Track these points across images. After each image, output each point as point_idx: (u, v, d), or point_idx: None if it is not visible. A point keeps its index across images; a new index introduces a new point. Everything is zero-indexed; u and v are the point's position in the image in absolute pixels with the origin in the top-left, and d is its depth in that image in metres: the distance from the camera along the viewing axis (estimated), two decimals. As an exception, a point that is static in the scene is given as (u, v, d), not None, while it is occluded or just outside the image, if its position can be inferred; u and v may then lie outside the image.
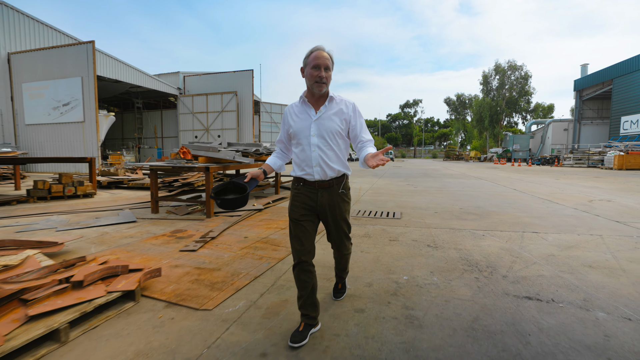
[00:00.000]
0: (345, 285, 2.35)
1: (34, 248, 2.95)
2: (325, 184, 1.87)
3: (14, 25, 14.43)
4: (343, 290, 2.33)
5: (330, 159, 1.85)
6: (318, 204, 1.88)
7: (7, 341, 1.53)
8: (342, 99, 1.91)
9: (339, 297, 2.29)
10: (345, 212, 1.97)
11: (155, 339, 1.79)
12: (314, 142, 1.84)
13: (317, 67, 1.75)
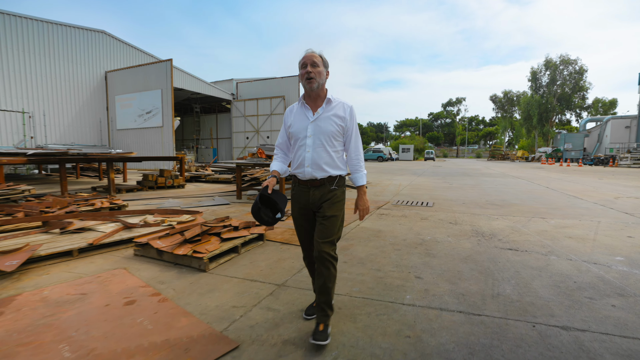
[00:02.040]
0: (326, 329, 1.77)
1: (188, 214, 4.66)
2: (317, 183, 1.89)
3: (110, 49, 17.53)
4: (325, 334, 1.74)
5: (323, 160, 1.86)
6: (310, 201, 1.90)
7: (220, 248, 3.10)
8: (340, 102, 1.93)
9: (317, 340, 1.71)
10: (336, 209, 1.88)
11: (281, 256, 3.29)
12: (308, 143, 1.88)
13: (304, 65, 1.84)
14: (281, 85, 24.05)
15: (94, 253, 3.33)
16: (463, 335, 1.86)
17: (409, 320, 2.02)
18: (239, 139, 24.71)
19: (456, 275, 2.75)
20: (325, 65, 1.90)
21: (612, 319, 2.05)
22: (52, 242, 3.31)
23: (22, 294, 2.39)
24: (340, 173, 1.92)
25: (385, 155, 36.08)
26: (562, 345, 1.77)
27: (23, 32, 14.49)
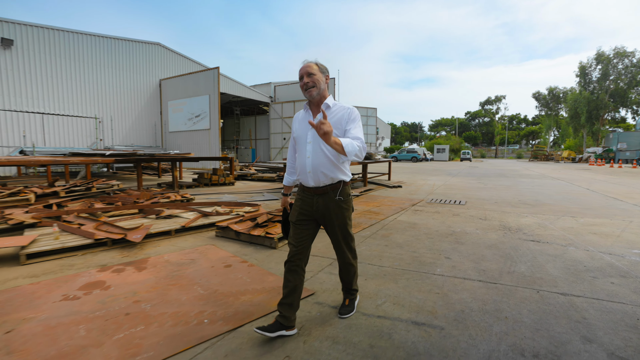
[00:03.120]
0: (353, 303, 2.19)
1: (249, 206, 5.54)
2: (320, 190, 1.91)
3: (164, 59, 19.37)
4: (350, 308, 2.15)
5: (323, 165, 1.87)
6: (314, 209, 1.94)
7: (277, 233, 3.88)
8: (341, 107, 1.93)
9: (343, 314, 2.11)
10: (342, 219, 1.96)
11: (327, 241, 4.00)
12: (308, 149, 1.90)
13: (301, 77, 1.89)
14: (317, 87, 24.89)
15: (185, 234, 4.26)
16: (480, 294, 2.47)
17: (439, 284, 2.66)
18: (276, 139, 25.92)
19: (480, 258, 3.32)
20: (323, 71, 1.93)
21: (607, 291, 2.55)
22: (155, 224, 4.28)
23: (150, 258, 3.31)
24: (343, 178, 1.94)
25: (419, 156, 35.83)
26: (557, 303, 2.33)
27: (94, 48, 16.50)
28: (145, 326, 2.03)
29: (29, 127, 14.53)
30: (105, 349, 1.79)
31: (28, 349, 1.80)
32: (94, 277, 2.83)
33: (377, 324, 2.05)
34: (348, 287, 2.21)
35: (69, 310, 2.24)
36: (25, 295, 2.48)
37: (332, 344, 1.84)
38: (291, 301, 1.88)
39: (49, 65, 15.10)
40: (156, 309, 2.24)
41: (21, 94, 14.32)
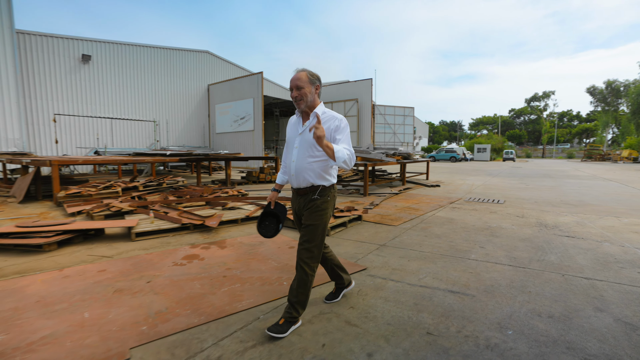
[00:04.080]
0: (289, 325, 1.96)
1: (299, 201, 6.22)
2: (302, 191, 2.06)
3: (212, 66, 20.93)
4: (281, 329, 1.93)
5: (305, 170, 1.98)
6: (297, 207, 2.12)
7: (336, 222, 4.48)
8: (330, 115, 2.03)
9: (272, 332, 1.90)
10: (315, 217, 1.97)
11: (376, 230, 4.54)
12: (294, 153, 2.04)
13: (290, 89, 2.01)
14: (354, 88, 25.33)
15: (249, 222, 5.00)
16: (508, 275, 2.89)
17: (472, 266, 3.10)
18: (314, 140, 26.74)
19: (512, 248, 3.69)
20: (312, 82, 1.99)
21: (631, 278, 2.85)
22: (224, 214, 5.07)
23: (227, 240, 4.06)
24: (323, 183, 2.01)
25: (458, 155, 34.95)
26: (579, 284, 2.69)
27: (152, 58, 18.28)
28: (240, 284, 2.72)
29: (101, 131, 16.49)
30: (218, 296, 2.49)
31: (166, 292, 2.55)
32: (189, 251, 3.61)
33: (419, 291, 2.57)
34: (292, 299, 1.99)
35: (181, 272, 2.99)
36: (147, 261, 3.29)
37: (385, 302, 2.39)
38: (334, 273, 2.37)
39: (117, 76, 17.02)
40: (245, 274, 2.93)
41: (95, 102, 16.32)
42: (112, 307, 2.34)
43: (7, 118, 12.55)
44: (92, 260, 3.34)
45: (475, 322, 2.11)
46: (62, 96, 15.54)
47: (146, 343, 1.91)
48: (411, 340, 1.92)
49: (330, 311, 2.26)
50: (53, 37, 15.23)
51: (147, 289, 2.63)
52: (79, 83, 15.93)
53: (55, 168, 6.59)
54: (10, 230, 3.90)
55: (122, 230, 4.54)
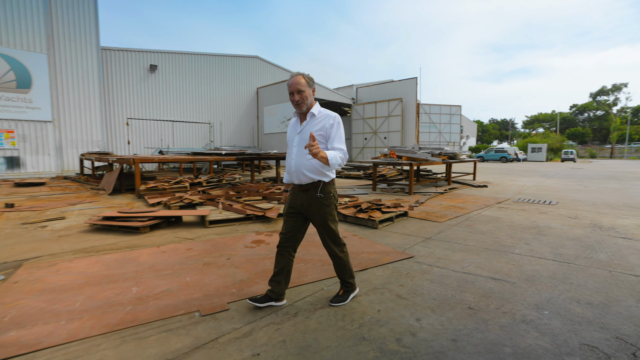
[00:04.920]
0: (347, 295, 2.35)
1: (347, 197, 6.63)
2: (303, 188, 2.19)
3: (261, 70, 22.18)
4: (341, 298, 2.33)
5: (304, 167, 2.13)
6: (299, 204, 2.22)
7: (381, 218, 4.83)
8: (325, 114, 2.19)
9: (334, 302, 2.30)
10: (323, 214, 2.18)
11: (422, 225, 4.81)
12: (294, 152, 2.21)
13: (291, 93, 2.15)
14: (399, 87, 25.18)
15: (303, 215, 5.53)
16: (551, 269, 3.06)
17: (515, 259, 3.31)
18: (357, 139, 26.99)
19: (559, 246, 3.78)
20: (310, 85, 2.16)
21: (682, 276, 2.88)
22: (281, 208, 5.65)
23: (286, 229, 4.60)
24: (323, 179, 2.16)
25: (509, 155, 33.05)
26: (625, 280, 2.80)
27: (207, 65, 19.83)
28: (304, 264, 3.21)
29: (164, 133, 18.29)
30: (287, 271, 2.99)
31: (244, 267, 3.12)
32: (255, 237, 4.20)
33: (462, 276, 2.87)
34: (342, 278, 2.38)
35: (253, 252, 3.56)
36: (222, 243, 3.93)
37: (430, 283, 2.74)
38: (279, 279, 2.27)
39: (177, 82, 18.74)
40: (306, 257, 3.42)
41: (159, 106, 18.13)
42: (205, 275, 2.94)
43: (93, 123, 14.51)
44: (179, 241, 4.05)
45: (514, 303, 2.38)
46: (133, 102, 17.50)
47: (237, 300, 2.45)
48: (454, 312, 2.25)
49: (383, 287, 2.66)
50: (126, 50, 17.21)
51: (229, 264, 3.22)
52: (146, 90, 17.82)
53: (138, 165, 7.67)
54: (114, 215, 4.80)
55: (196, 218, 5.30)
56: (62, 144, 13.82)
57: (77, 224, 4.94)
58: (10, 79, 12.38)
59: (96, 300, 2.45)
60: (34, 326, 2.09)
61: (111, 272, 3.02)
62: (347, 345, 1.89)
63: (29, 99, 12.82)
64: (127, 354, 1.82)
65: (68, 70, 13.82)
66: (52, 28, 13.23)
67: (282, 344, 1.90)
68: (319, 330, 2.05)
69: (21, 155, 12.85)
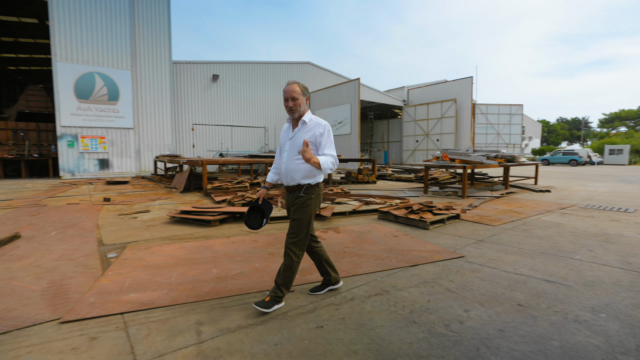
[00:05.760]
0: (273, 302, 2.29)
1: (398, 199, 6.76)
2: (290, 189, 2.37)
3: (313, 75, 22.95)
4: (266, 305, 2.27)
5: (293, 170, 2.28)
6: (289, 204, 2.42)
7: (432, 220, 4.93)
8: (316, 122, 2.32)
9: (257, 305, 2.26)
10: (299, 214, 2.27)
11: (474, 228, 4.80)
12: (285, 156, 2.35)
13: (286, 99, 2.28)
14: (452, 88, 24.27)
15: (355, 215, 5.81)
16: (616, 276, 2.96)
17: (575, 265, 3.24)
18: (408, 142, 26.51)
19: (630, 254, 3.59)
20: (304, 93, 2.31)
21: None
22: (334, 207, 5.99)
23: (340, 227, 4.92)
24: (309, 182, 2.29)
25: (580, 158, 29.86)
26: (699, 289, 2.64)
27: (262, 73, 21.04)
28: (358, 258, 3.49)
29: (224, 137, 19.80)
30: (343, 264, 3.30)
31: (305, 258, 3.48)
32: (312, 233, 4.57)
33: (514, 277, 2.93)
34: (277, 282, 2.32)
35: (311, 246, 3.93)
36: (282, 237, 4.33)
37: (480, 280, 2.85)
38: (323, 269, 2.56)
39: (236, 89, 20.17)
40: (360, 252, 3.70)
41: (220, 112, 19.69)
42: (270, 263, 3.37)
43: (165, 128, 16.28)
44: (245, 234, 4.57)
45: (567, 304, 2.42)
46: (197, 109, 19.22)
47: (300, 284, 2.81)
48: (502, 307, 2.37)
49: (433, 282, 2.84)
50: (192, 63, 18.98)
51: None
52: (209, 98, 19.46)
53: (205, 167, 8.57)
54: (190, 209, 5.52)
55: (257, 215, 5.84)
56: (140, 148, 15.72)
57: (160, 217, 5.76)
58: (103, 93, 14.47)
59: (186, 277, 2.98)
60: (146, 291, 2.66)
61: (194, 256, 3.59)
62: (399, 326, 2.14)
63: (116, 110, 14.84)
64: (216, 317, 2.26)
65: (146, 83, 15.70)
66: (135, 48, 15.17)
67: (341, 321, 2.21)
68: (373, 312, 2.32)
69: (110, 157, 14.90)
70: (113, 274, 3.04)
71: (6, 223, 5.19)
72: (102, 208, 6.61)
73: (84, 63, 14.12)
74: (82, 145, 14.24)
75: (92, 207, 6.75)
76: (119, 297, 2.55)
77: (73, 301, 2.50)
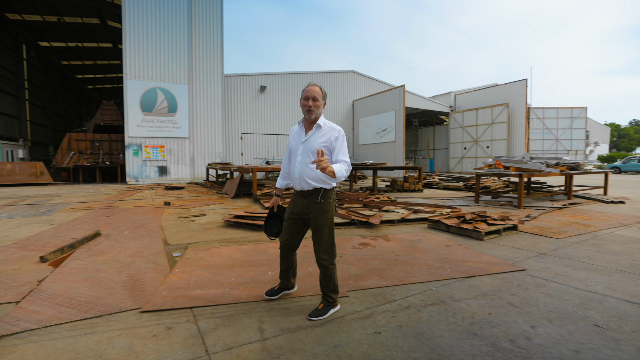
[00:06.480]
0: (326, 310, 2.31)
1: (448, 208, 6.53)
2: (305, 193, 2.28)
3: (357, 83, 23.09)
4: (320, 312, 2.29)
5: (307, 175, 2.23)
6: (301, 209, 2.32)
7: (487, 230, 4.69)
8: (330, 127, 2.31)
9: (312, 316, 2.26)
10: (321, 220, 2.26)
11: (535, 240, 4.48)
12: (298, 160, 2.28)
13: (306, 98, 2.24)
14: (504, 91, 22.94)
15: (404, 224, 5.71)
16: None
17: (659, 284, 2.90)
18: (456, 149, 25.44)
19: None
20: (324, 97, 2.31)
21: None
22: (382, 215, 5.94)
23: (389, 235, 4.87)
24: (324, 186, 2.25)
25: (661, 166, 26.36)
26: None
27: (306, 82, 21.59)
28: (410, 266, 3.44)
29: (270, 145, 20.54)
30: (395, 271, 3.28)
31: (355, 264, 3.51)
32: (361, 240, 4.58)
33: (587, 295, 2.70)
34: (324, 292, 2.37)
35: (361, 253, 3.95)
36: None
37: (546, 296, 2.67)
38: (287, 274, 2.57)
39: (282, 100, 20.89)
40: (412, 260, 3.64)
41: (267, 122, 20.50)
42: (322, 268, 3.44)
43: (216, 138, 17.31)
44: (295, 239, 4.70)
45: (654, 327, 2.18)
46: (246, 119, 20.20)
47: (355, 290, 2.85)
48: (576, 326, 2.20)
49: (493, 294, 2.72)
50: (242, 75, 20.05)
51: (342, 260, 3.67)
52: (257, 108, 20.37)
53: (255, 174, 8.97)
54: (243, 214, 5.81)
55: (305, 221, 5.98)
56: (194, 156, 16.86)
57: (215, 220, 6.13)
58: (164, 106, 15.83)
59: (245, 277, 3.16)
60: (210, 289, 2.86)
61: (249, 258, 3.78)
62: (460, 337, 2.08)
63: (174, 121, 16.12)
64: (277, 317, 2.37)
65: (200, 95, 16.88)
66: (191, 64, 16.44)
67: (398, 328, 2.20)
68: (431, 321, 2.28)
69: (168, 165, 16.18)
70: (179, 272, 3.31)
71: (88, 222, 5.87)
72: (164, 211, 7.20)
73: (149, 79, 15.58)
74: (145, 154, 15.64)
75: (155, 210, 7.38)
76: (187, 293, 2.77)
77: (148, 294, 2.77)
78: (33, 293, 2.78)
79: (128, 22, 15.03)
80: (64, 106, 33.10)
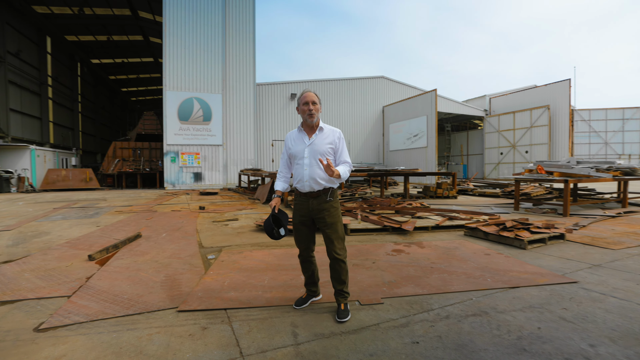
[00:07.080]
0: (347, 307, 2.40)
1: (486, 215, 6.21)
2: (314, 194, 2.37)
3: (387, 89, 22.89)
4: (345, 312, 2.36)
5: (318, 175, 2.34)
6: (310, 210, 2.40)
7: (530, 239, 4.38)
8: (330, 129, 2.46)
9: (342, 318, 2.31)
10: (335, 217, 2.40)
11: (586, 251, 4.12)
12: (306, 162, 2.37)
13: (306, 103, 2.36)
14: (545, 93, 21.69)
15: (438, 231, 5.50)
16: None
17: None
18: (491, 154, 24.33)
19: None
20: (320, 102, 2.45)
21: None
22: (416, 222, 5.77)
23: (424, 242, 4.70)
24: (332, 185, 2.41)
25: None
26: None
27: (337, 89, 21.65)
28: (448, 275, 3.28)
29: (300, 151, 20.80)
30: (432, 279, 3.14)
31: (389, 270, 3.41)
32: (394, 247, 4.46)
33: (653, 311, 2.42)
34: (338, 287, 2.42)
35: (395, 260, 3.83)
36: (365, 249, 4.34)
37: (605, 312, 2.42)
38: (313, 280, 2.58)
39: (312, 106, 21.13)
40: (449, 269, 3.48)
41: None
42: (356, 274, 3.37)
43: (248, 144, 17.77)
44: (327, 244, 4.66)
45: None
46: (276, 126, 20.59)
47: (389, 297, 2.75)
48: (642, 346, 1.97)
49: (541, 307, 2.51)
50: (272, 84, 20.52)
51: (375, 267, 3.58)
52: (287, 115, 20.71)
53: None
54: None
55: (336, 226, 5.93)
56: (227, 162, 17.40)
57: (247, 224, 6.24)
58: (199, 115, 16.55)
59: (277, 281, 3.16)
60: (243, 291, 2.89)
61: (281, 262, 3.79)
62: (507, 352, 1.93)
63: (209, 129, 16.78)
64: (310, 322, 2.34)
65: (233, 104, 17.46)
66: (225, 75, 17.08)
67: (438, 339, 2.09)
68: (473, 333, 2.14)
69: (202, 171, 16.82)
70: (214, 274, 3.37)
71: (130, 224, 6.19)
72: (199, 215, 7.45)
73: (186, 90, 16.37)
74: (181, 161, 16.37)
75: (191, 214, 7.65)
76: (221, 295, 2.82)
77: (185, 294, 2.84)
78: (82, 289, 2.95)
79: (168, 38, 15.94)
80: (110, 117, 35.60)
